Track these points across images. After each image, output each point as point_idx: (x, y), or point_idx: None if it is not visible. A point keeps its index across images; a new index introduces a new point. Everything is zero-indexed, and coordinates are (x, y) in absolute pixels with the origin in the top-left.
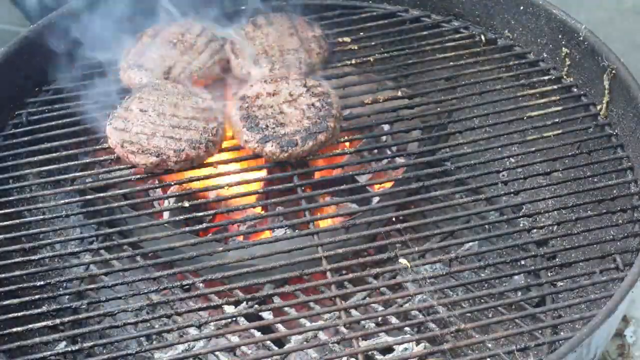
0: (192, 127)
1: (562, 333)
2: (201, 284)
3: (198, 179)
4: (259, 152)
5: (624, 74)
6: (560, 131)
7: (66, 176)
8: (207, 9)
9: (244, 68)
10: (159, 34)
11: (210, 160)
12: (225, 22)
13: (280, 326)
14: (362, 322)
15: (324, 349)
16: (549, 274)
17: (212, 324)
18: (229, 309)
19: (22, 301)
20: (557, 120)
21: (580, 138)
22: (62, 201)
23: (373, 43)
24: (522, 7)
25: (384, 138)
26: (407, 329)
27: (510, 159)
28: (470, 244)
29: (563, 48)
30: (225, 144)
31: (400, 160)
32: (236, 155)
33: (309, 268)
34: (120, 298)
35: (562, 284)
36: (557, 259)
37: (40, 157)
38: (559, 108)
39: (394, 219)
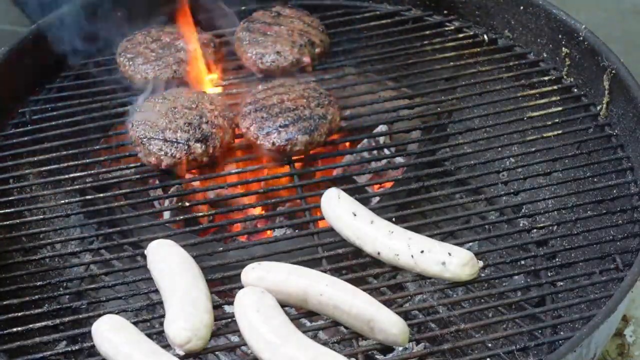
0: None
1: (562, 333)
2: None
3: (198, 179)
4: (261, 149)
5: (624, 74)
6: (560, 131)
7: (66, 176)
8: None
9: (249, 59)
10: (159, 32)
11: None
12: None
13: None
14: None
15: None
16: (549, 274)
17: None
18: (229, 309)
19: (22, 301)
20: (557, 120)
21: (580, 138)
22: (62, 201)
23: (374, 43)
24: (522, 7)
25: (383, 138)
26: None
27: (510, 159)
28: (471, 244)
29: (563, 48)
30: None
31: (400, 160)
32: (236, 155)
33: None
34: (120, 298)
35: (562, 284)
36: (557, 259)
37: (41, 156)
38: (559, 108)
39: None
